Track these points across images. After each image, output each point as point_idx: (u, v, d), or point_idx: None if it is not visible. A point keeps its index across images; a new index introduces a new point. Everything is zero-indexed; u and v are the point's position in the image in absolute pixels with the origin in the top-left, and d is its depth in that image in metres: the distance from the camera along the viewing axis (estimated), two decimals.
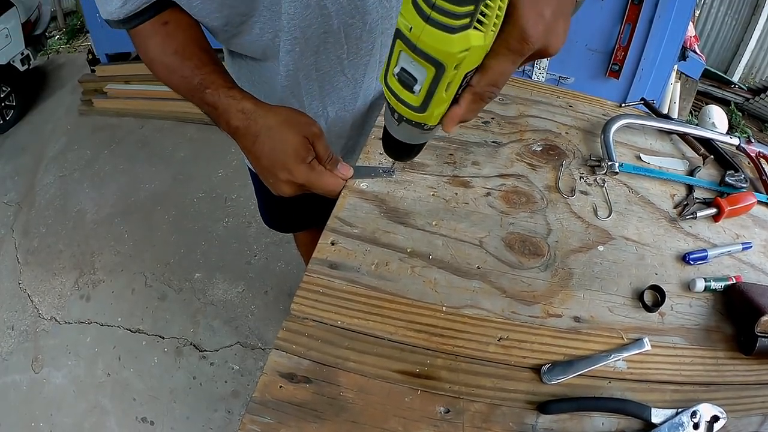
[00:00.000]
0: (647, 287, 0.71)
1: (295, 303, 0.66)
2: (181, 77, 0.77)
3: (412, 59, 0.42)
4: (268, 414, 0.57)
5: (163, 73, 0.79)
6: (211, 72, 0.76)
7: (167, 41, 0.78)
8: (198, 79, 0.75)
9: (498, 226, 0.76)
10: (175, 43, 0.77)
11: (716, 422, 0.59)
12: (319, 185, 0.73)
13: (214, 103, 0.74)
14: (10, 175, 3.51)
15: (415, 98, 0.45)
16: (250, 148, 0.73)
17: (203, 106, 0.76)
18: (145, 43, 0.79)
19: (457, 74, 0.42)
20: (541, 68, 2.57)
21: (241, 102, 0.73)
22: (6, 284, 2.75)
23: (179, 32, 0.77)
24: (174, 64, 0.78)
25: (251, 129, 0.72)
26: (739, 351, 0.67)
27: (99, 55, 3.87)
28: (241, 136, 0.74)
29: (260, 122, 0.72)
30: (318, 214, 1.32)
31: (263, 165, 0.73)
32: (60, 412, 2.17)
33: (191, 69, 0.76)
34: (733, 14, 4.11)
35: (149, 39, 0.78)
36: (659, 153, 0.91)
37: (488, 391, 0.60)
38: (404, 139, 0.57)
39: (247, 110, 0.72)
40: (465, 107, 0.46)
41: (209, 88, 0.74)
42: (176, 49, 0.77)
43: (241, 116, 0.72)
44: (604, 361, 0.63)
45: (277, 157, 0.71)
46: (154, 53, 0.79)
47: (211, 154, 3.30)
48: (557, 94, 1.01)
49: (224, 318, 2.40)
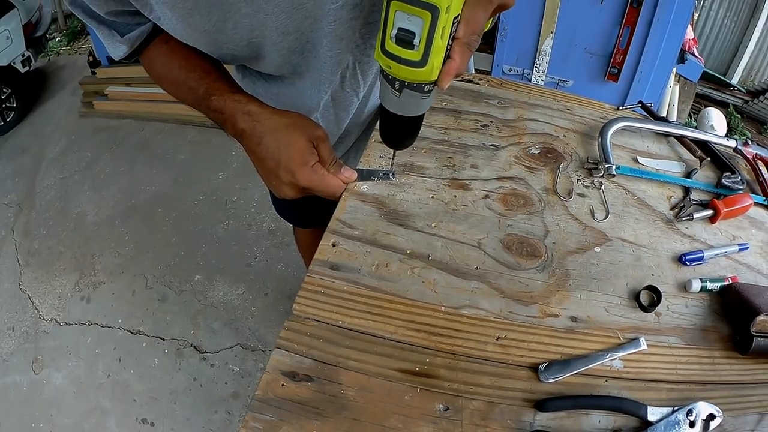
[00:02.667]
0: (643, 288, 0.71)
1: (297, 303, 0.67)
2: (188, 89, 0.80)
3: (408, 14, 0.49)
4: (270, 412, 0.58)
5: (172, 88, 0.83)
6: (216, 80, 0.79)
7: (170, 58, 0.81)
8: (203, 88, 0.78)
9: (496, 227, 0.77)
10: (178, 58, 0.80)
11: (712, 420, 0.59)
12: (321, 188, 0.74)
13: (221, 108, 0.76)
14: (11, 176, 3.52)
15: (415, 53, 0.51)
16: (255, 150, 0.75)
17: (210, 113, 0.78)
18: (151, 65, 0.83)
19: (448, 18, 0.49)
20: (541, 71, 2.58)
21: (247, 105, 0.75)
22: (6, 285, 2.75)
23: (181, 48, 0.78)
24: (180, 78, 0.81)
25: (256, 131, 0.73)
26: (735, 350, 0.68)
27: (100, 57, 3.89)
28: (246, 138, 0.75)
29: (265, 124, 0.73)
30: (326, 211, 1.33)
31: (267, 166, 0.74)
32: (60, 413, 2.17)
33: (195, 80, 0.79)
34: (732, 16, 4.11)
35: (155, 60, 0.82)
36: (656, 155, 0.92)
37: (486, 389, 0.61)
38: (405, 111, 0.61)
39: (253, 112, 0.74)
40: (458, 59, 0.54)
41: (214, 94, 0.76)
42: (180, 64, 0.80)
43: (247, 118, 0.74)
44: (600, 360, 0.64)
45: (281, 159, 0.72)
46: (161, 71, 0.83)
47: (212, 156, 3.31)
48: (555, 98, 1.02)
49: (224, 320, 2.40)
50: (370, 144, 0.88)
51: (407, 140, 0.69)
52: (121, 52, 0.79)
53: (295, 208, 1.48)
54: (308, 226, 1.59)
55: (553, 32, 2.47)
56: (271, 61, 0.82)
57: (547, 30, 2.47)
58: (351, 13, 0.77)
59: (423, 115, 0.64)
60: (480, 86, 1.02)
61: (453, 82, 0.99)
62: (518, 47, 2.59)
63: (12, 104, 4.01)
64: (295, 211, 1.52)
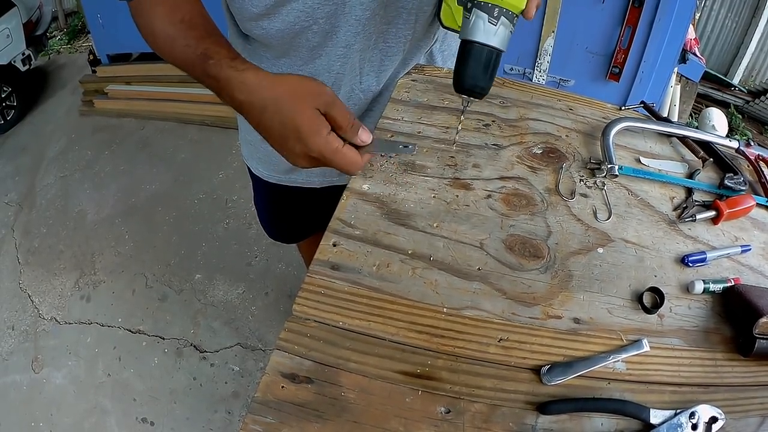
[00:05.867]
0: (646, 289, 0.71)
1: (297, 304, 0.66)
2: (184, 46, 0.74)
3: None
4: (270, 414, 0.57)
5: (166, 43, 0.77)
6: (215, 43, 0.74)
7: (174, 10, 0.76)
8: (201, 48, 0.72)
9: (498, 228, 0.77)
10: (180, 13, 0.75)
11: (714, 423, 0.59)
12: (336, 162, 0.68)
13: (217, 74, 0.70)
14: (11, 175, 3.52)
15: None
16: (258, 122, 0.69)
17: (205, 79, 0.73)
18: (149, 13, 0.77)
19: None
20: (542, 71, 2.58)
21: (244, 73, 0.69)
22: (6, 284, 2.75)
23: (185, 3, 0.75)
24: (178, 33, 0.75)
25: (256, 103, 0.68)
26: (737, 352, 0.67)
27: (100, 55, 3.87)
28: (246, 110, 0.70)
29: (265, 94, 0.67)
30: (318, 221, 1.33)
31: (275, 138, 0.69)
32: (60, 413, 2.17)
33: (195, 39, 0.74)
34: (734, 17, 4.11)
35: (154, 8, 0.76)
36: (659, 156, 0.92)
37: (488, 391, 0.61)
38: (499, 44, 0.63)
39: (250, 82, 0.68)
40: None
41: (213, 58, 0.71)
42: (182, 18, 0.75)
43: (245, 88, 0.68)
44: (603, 363, 0.63)
45: (287, 130, 0.66)
46: (158, 23, 0.76)
47: (212, 155, 3.31)
48: (558, 97, 1.01)
49: (225, 319, 2.40)
50: (380, 123, 0.86)
51: (489, 82, 0.67)
52: None
53: (284, 228, 1.47)
54: (299, 240, 1.59)
55: (555, 32, 2.46)
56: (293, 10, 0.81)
57: (549, 29, 2.46)
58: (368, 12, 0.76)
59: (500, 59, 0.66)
60: None
61: None
62: (520, 46, 2.58)
63: (12, 103, 4.00)
64: (284, 232, 1.52)
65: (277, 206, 1.33)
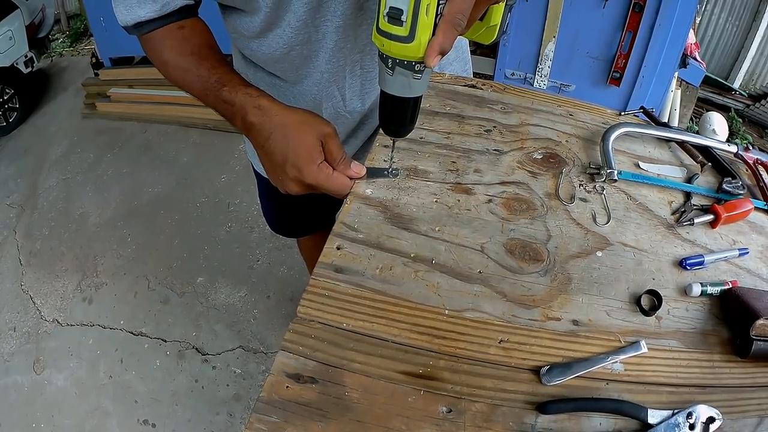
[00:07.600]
0: (644, 292, 0.72)
1: (302, 306, 0.68)
2: (196, 76, 0.80)
3: None
4: (275, 413, 0.58)
5: (178, 73, 0.82)
6: (227, 72, 0.79)
7: (183, 44, 0.81)
8: (215, 77, 0.78)
9: (499, 232, 0.78)
10: (190, 45, 0.81)
11: (712, 423, 0.60)
12: (327, 186, 0.75)
13: (231, 99, 0.76)
14: (13, 177, 3.53)
15: (403, 29, 0.54)
16: (263, 144, 0.75)
17: (219, 104, 0.79)
18: (159, 46, 0.82)
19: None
20: (543, 76, 2.60)
21: (258, 99, 0.76)
22: (8, 286, 2.76)
23: (195, 35, 0.79)
24: (189, 65, 0.80)
25: (266, 125, 0.74)
26: (734, 354, 0.68)
27: (102, 58, 3.89)
28: (255, 133, 0.76)
29: (276, 120, 0.74)
30: (321, 219, 1.35)
31: (274, 161, 0.75)
32: (61, 414, 2.18)
33: (207, 69, 0.79)
34: (734, 21, 4.12)
35: (164, 41, 0.82)
36: (657, 161, 0.93)
37: (489, 391, 0.62)
38: (399, 92, 0.63)
39: (264, 107, 0.75)
40: (441, 36, 0.55)
41: (227, 85, 0.77)
42: (192, 51, 0.81)
43: (258, 112, 0.75)
44: (601, 363, 0.64)
45: (288, 155, 0.73)
46: (169, 55, 0.82)
47: (215, 158, 3.32)
48: (558, 103, 1.03)
49: (226, 322, 2.41)
50: (374, 148, 0.88)
51: (403, 126, 0.70)
52: (143, 13, 0.78)
53: (286, 222, 1.50)
54: (301, 235, 1.61)
55: (556, 37, 2.48)
56: (293, 17, 0.84)
57: (550, 35, 2.48)
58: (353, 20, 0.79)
59: (419, 101, 0.66)
60: (483, 91, 1.03)
61: (456, 88, 1.01)
62: (521, 51, 2.60)
63: (15, 105, 4.03)
64: (287, 226, 1.54)
65: (280, 202, 1.37)
